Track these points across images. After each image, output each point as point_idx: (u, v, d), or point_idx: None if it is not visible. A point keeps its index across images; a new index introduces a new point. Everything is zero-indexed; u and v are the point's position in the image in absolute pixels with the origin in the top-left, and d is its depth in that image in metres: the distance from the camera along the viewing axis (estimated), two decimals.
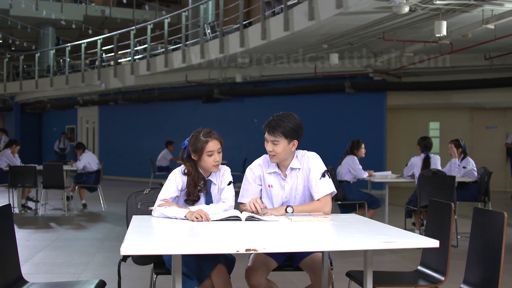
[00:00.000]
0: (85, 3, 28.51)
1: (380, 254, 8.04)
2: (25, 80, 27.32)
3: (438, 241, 3.16)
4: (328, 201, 4.34)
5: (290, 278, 5.77)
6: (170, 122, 22.53)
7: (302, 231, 3.65)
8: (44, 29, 28.13)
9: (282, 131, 4.32)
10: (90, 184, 13.41)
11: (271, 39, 14.11)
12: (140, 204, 4.75)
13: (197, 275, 4.05)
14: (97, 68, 22.86)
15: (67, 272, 7.06)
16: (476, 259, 3.69)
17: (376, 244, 3.15)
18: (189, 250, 3.16)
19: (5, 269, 3.69)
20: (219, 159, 4.40)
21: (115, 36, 21.74)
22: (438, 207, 4.15)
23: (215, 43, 16.62)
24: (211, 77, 20.09)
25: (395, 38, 13.04)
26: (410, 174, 9.53)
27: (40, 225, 11.23)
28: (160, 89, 22.96)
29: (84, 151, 13.52)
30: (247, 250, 2.95)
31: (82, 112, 27.94)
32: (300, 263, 4.33)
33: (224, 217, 4.01)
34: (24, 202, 13.26)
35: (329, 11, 11.63)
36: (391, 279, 4.26)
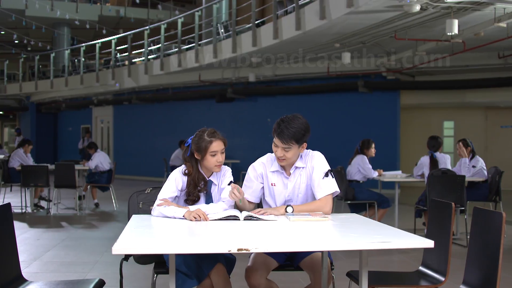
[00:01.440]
0: (100, 3, 28.60)
1: (389, 254, 8.01)
2: (41, 80, 27.46)
3: (433, 241, 3.13)
4: (328, 200, 4.31)
5: (291, 278, 5.75)
6: (184, 122, 22.56)
7: (298, 230, 3.64)
8: (59, 29, 28.26)
9: (293, 136, 4.27)
10: (102, 184, 13.46)
11: (283, 39, 14.09)
12: (142, 203, 4.76)
13: (196, 274, 4.05)
14: (111, 68, 22.94)
15: (74, 271, 7.08)
16: (475, 260, 3.66)
17: (370, 244, 3.13)
18: (180, 249, 3.16)
19: (4, 268, 3.69)
20: (222, 160, 4.39)
21: (129, 36, 21.81)
22: (439, 207, 4.12)
23: (228, 42, 16.63)
24: (224, 76, 20.10)
25: (407, 37, 12.97)
26: (420, 174, 9.49)
27: (52, 224, 11.28)
28: (174, 88, 23.00)
29: (96, 151, 13.57)
30: (239, 250, 2.94)
31: (97, 112, 28.04)
32: (300, 263, 4.32)
33: (222, 217, 3.99)
34: (37, 202, 13.32)
35: (340, 10, 11.59)
36: (392, 279, 4.23)
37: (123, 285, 4.63)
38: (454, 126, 19.63)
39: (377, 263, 7.54)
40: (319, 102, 19.31)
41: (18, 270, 3.95)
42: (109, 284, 5.70)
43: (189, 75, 20.69)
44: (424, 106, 19.49)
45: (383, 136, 17.98)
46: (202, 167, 4.44)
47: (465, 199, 8.65)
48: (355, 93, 18.45)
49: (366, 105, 18.54)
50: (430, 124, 19.39)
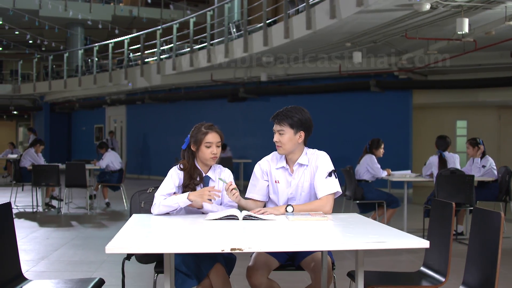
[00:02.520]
0: (114, 3, 28.69)
1: (398, 254, 7.98)
2: (54, 80, 27.59)
3: (428, 241, 3.11)
4: (329, 200, 4.29)
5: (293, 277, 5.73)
6: (196, 121, 21.98)
7: (296, 230, 3.62)
8: (73, 29, 28.38)
9: (288, 121, 4.35)
10: (113, 183, 13.49)
11: (294, 38, 14.09)
12: (143, 202, 4.77)
13: (196, 274, 4.05)
14: (124, 68, 23.02)
15: (81, 270, 7.10)
16: (474, 260, 3.63)
17: (365, 244, 3.11)
18: (173, 249, 3.15)
19: (3, 266, 3.70)
20: (217, 152, 4.42)
21: (142, 36, 21.87)
22: (439, 207, 4.09)
23: (239, 42, 16.63)
24: (236, 76, 20.11)
25: (417, 36, 12.93)
26: (429, 174, 9.44)
27: (62, 223, 11.32)
28: (186, 88, 23.04)
29: (107, 150, 13.60)
30: (232, 250, 2.93)
31: (110, 112, 28.13)
32: (301, 263, 4.31)
33: (221, 216, 3.98)
34: (48, 201, 13.37)
35: (350, 9, 11.58)
36: (393, 280, 4.21)
37: (125, 284, 4.61)
38: (467, 126, 19.51)
39: (385, 263, 7.53)
40: (331, 101, 19.27)
41: (18, 269, 3.95)
42: (114, 283, 5.74)
43: (201, 74, 20.72)
44: (436, 106, 19.40)
45: (395, 135, 17.92)
46: (199, 162, 4.47)
47: (474, 199, 8.59)
48: (367, 93, 18.40)
49: (378, 105, 18.48)
50: (443, 124, 19.29)
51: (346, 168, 9.85)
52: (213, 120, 17.15)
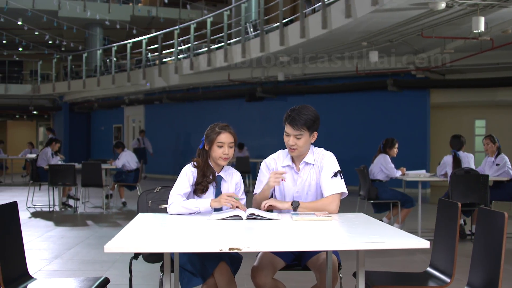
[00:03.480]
0: (132, 3, 28.81)
1: (411, 254, 7.94)
2: (73, 80, 27.73)
3: (428, 242, 3.08)
4: (334, 199, 4.26)
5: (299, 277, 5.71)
6: (214, 121, 22.24)
7: (297, 230, 3.60)
8: (92, 29, 28.53)
9: (304, 123, 4.28)
10: (129, 183, 13.53)
11: (310, 37, 14.07)
12: (150, 202, 4.78)
13: (201, 273, 4.05)
14: (143, 68, 23.09)
15: (93, 269, 7.13)
16: (479, 260, 3.60)
17: (365, 244, 3.10)
18: (171, 248, 3.15)
19: (9, 264, 3.73)
20: (229, 153, 4.41)
21: (160, 36, 21.94)
22: (445, 207, 4.06)
23: (256, 41, 16.63)
24: (253, 75, 20.11)
25: (434, 35, 12.86)
26: (443, 173, 9.36)
27: (77, 222, 11.39)
28: (203, 88, 23.08)
29: (123, 150, 13.65)
30: (231, 249, 2.92)
31: (129, 111, 28.24)
32: (307, 262, 4.29)
33: (225, 217, 3.98)
34: (65, 200, 13.44)
35: (365, 8, 11.55)
36: (399, 280, 4.18)
37: (134, 283, 4.63)
38: (486, 125, 19.37)
39: (398, 263, 7.50)
40: (348, 101, 19.23)
41: (24, 267, 3.98)
42: (125, 283, 5.75)
43: (218, 74, 20.75)
44: (455, 105, 19.27)
45: (412, 135, 17.84)
46: (212, 161, 4.47)
47: (489, 198, 8.52)
48: (384, 92, 18.32)
49: (396, 104, 18.40)
50: (461, 123, 19.18)
51: (360, 168, 9.81)
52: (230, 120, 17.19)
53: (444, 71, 17.53)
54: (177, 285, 4.21)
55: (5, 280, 3.61)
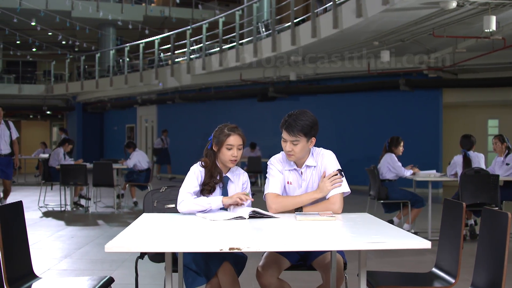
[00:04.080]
0: (145, 3, 28.88)
1: (421, 254, 7.91)
2: (86, 80, 27.83)
3: (430, 242, 3.07)
4: (337, 200, 4.25)
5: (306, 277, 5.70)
6: (226, 121, 22.27)
7: (300, 230, 3.60)
8: (105, 30, 28.64)
9: (301, 129, 4.24)
10: (141, 183, 13.55)
11: (321, 37, 14.05)
12: (156, 202, 4.78)
13: (205, 272, 4.05)
14: (155, 68, 23.14)
15: (102, 268, 7.15)
16: (483, 261, 3.58)
17: (366, 245, 3.08)
18: (170, 247, 3.15)
19: (14, 264, 3.74)
20: (237, 155, 4.39)
21: (172, 36, 21.97)
22: (450, 207, 4.04)
23: (267, 41, 16.62)
24: (265, 75, 20.09)
25: (445, 34, 12.80)
26: (453, 173, 9.32)
27: (88, 222, 11.43)
28: (216, 88, 23.10)
29: (134, 150, 13.68)
30: (231, 249, 2.93)
31: (141, 111, 28.32)
32: (313, 262, 4.28)
33: (227, 218, 3.97)
34: (77, 200, 13.49)
35: (376, 7, 11.52)
36: (404, 280, 4.17)
37: (140, 283, 4.63)
38: (499, 125, 19.26)
39: (407, 263, 7.47)
40: (360, 100, 19.19)
41: (29, 266, 4.00)
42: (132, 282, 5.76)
43: (230, 74, 20.76)
44: (467, 105, 19.18)
45: (425, 135, 17.79)
46: (219, 162, 4.46)
47: (499, 198, 8.47)
48: (396, 92, 18.27)
49: (408, 104, 18.34)
50: (474, 123, 19.08)
51: (370, 168, 9.79)
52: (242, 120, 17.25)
53: (456, 71, 17.44)
54: (181, 284, 4.22)
55: (9, 279, 3.63)
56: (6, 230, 3.67)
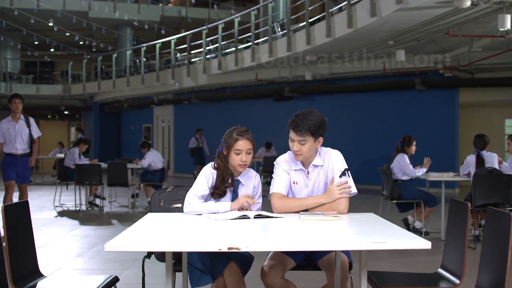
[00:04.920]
0: (162, 4, 28.97)
1: (433, 254, 7.87)
2: (103, 80, 27.95)
3: (430, 242, 3.05)
4: (343, 200, 4.23)
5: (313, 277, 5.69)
6: (243, 121, 22.46)
7: (302, 230, 3.59)
8: (122, 30, 28.77)
9: (308, 129, 4.24)
10: (155, 182, 13.58)
11: (335, 36, 14.03)
12: (163, 201, 4.79)
13: (211, 271, 4.06)
14: (171, 68, 23.20)
15: (113, 267, 7.18)
16: (486, 262, 3.55)
17: (365, 245, 3.07)
18: (169, 247, 3.16)
19: (19, 262, 3.77)
20: (246, 160, 4.36)
21: (188, 36, 22.02)
22: (456, 207, 4.01)
23: (283, 41, 16.61)
24: (281, 75, 20.07)
25: (460, 33, 12.73)
26: (466, 173, 9.26)
27: (103, 222, 11.49)
28: (232, 87, 23.11)
29: (149, 150, 13.72)
30: (230, 249, 2.93)
31: (158, 111, 28.39)
32: (318, 262, 4.27)
33: (232, 217, 3.97)
34: (92, 200, 13.56)
35: (390, 7, 11.49)
36: (409, 281, 4.15)
37: (147, 282, 4.65)
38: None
39: (418, 263, 7.44)
40: (376, 100, 19.13)
41: (35, 265, 4.02)
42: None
43: (246, 74, 20.76)
44: (484, 104, 19.05)
45: (441, 135, 17.70)
46: (230, 165, 4.45)
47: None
48: (412, 91, 18.19)
49: (424, 103, 18.26)
50: (491, 122, 18.95)
51: (383, 168, 9.75)
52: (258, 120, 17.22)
53: (472, 70, 17.32)
54: (185, 283, 4.23)
55: (14, 278, 3.65)
56: (11, 229, 3.70)
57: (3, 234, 3.63)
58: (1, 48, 29.53)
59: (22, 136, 9.92)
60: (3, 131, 9.85)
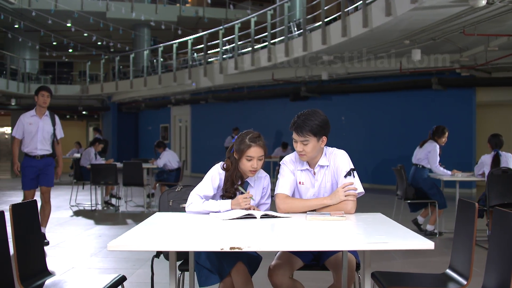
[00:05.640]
0: (179, 4, 29.04)
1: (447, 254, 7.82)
2: (121, 81, 28.05)
3: (433, 243, 3.03)
4: (349, 201, 4.22)
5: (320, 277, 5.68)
6: (259, 120, 22.56)
7: (307, 230, 3.59)
8: (140, 30, 28.88)
9: (310, 129, 4.26)
10: (171, 182, 13.62)
11: (351, 36, 13.99)
12: (171, 201, 4.81)
13: (218, 271, 4.07)
14: (188, 68, 23.25)
15: (125, 267, 7.21)
16: (493, 262, 3.53)
17: (367, 245, 3.06)
18: (170, 247, 3.17)
19: (27, 261, 3.80)
20: (257, 166, 4.36)
21: (205, 36, 22.05)
22: (463, 207, 3.99)
23: (299, 41, 16.60)
24: (297, 75, 20.04)
25: (476, 32, 12.64)
26: (481, 173, 9.20)
27: (118, 221, 11.53)
28: (248, 87, 23.13)
29: (165, 149, 13.77)
30: (232, 248, 2.93)
31: (175, 111, 28.47)
32: (326, 262, 4.27)
33: (238, 216, 3.98)
34: (108, 199, 13.62)
35: (404, 6, 11.44)
36: (417, 281, 4.13)
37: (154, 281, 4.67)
38: None
39: (433, 264, 7.40)
40: (393, 99, 19.06)
41: (43, 264, 4.05)
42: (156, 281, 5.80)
43: (262, 74, 20.76)
44: (501, 103, 18.91)
45: (458, 134, 17.57)
46: (240, 169, 4.45)
47: None
48: (429, 91, 18.11)
49: (441, 103, 18.16)
50: (509, 122, 18.81)
51: (397, 168, 9.73)
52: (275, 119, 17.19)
53: (489, 69, 17.20)
54: (192, 283, 4.24)
55: (21, 276, 3.68)
56: (18, 228, 3.73)
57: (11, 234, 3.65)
58: (20, 48, 29.69)
59: (44, 134, 8.81)
60: (24, 126, 8.71)
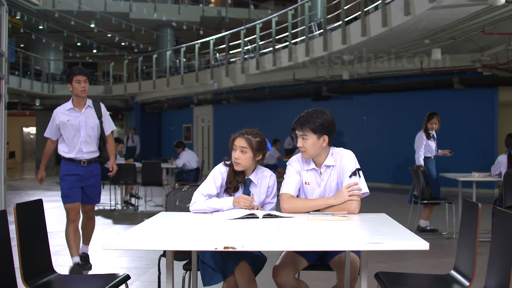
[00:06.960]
0: (202, 4, 29.14)
1: None
2: (144, 81, 28.21)
3: (428, 243, 3.01)
4: (353, 201, 4.21)
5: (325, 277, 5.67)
6: (281, 120, 22.53)
7: (307, 230, 3.58)
8: (163, 31, 29.02)
9: (310, 126, 4.26)
10: (190, 182, 13.66)
11: (371, 36, 13.96)
12: (178, 201, 4.82)
13: (222, 270, 4.08)
14: (210, 68, 23.32)
15: (139, 266, 7.26)
16: (494, 263, 3.51)
17: (363, 245, 3.05)
18: (167, 246, 3.19)
19: (32, 259, 3.84)
20: (238, 157, 4.40)
21: (227, 36, 22.11)
22: (467, 207, 3.96)
23: (319, 40, 16.58)
24: (318, 74, 20.01)
25: (496, 31, 12.53)
26: (498, 173, 9.12)
27: (136, 221, 11.56)
28: (270, 87, 23.13)
29: (184, 149, 13.82)
30: (225, 248, 2.94)
31: (198, 111, 28.55)
32: (329, 262, 4.26)
33: (241, 216, 3.98)
34: (128, 199, 13.69)
35: (423, 5, 11.40)
36: (418, 282, 4.12)
37: (161, 280, 4.70)
38: None
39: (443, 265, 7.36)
40: (414, 99, 18.94)
41: (49, 262, 4.08)
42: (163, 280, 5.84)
43: (283, 73, 20.76)
44: None
45: (480, 134, 17.46)
46: None
47: None
48: (450, 90, 17.96)
49: (462, 102, 18.01)
50: None
51: (414, 168, 9.70)
52: None
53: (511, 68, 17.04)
54: (195, 282, 4.26)
55: (25, 275, 3.71)
56: (23, 227, 3.77)
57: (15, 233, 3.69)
58: (44, 49, 29.97)
59: (88, 131, 6.71)
60: (59, 123, 6.63)
